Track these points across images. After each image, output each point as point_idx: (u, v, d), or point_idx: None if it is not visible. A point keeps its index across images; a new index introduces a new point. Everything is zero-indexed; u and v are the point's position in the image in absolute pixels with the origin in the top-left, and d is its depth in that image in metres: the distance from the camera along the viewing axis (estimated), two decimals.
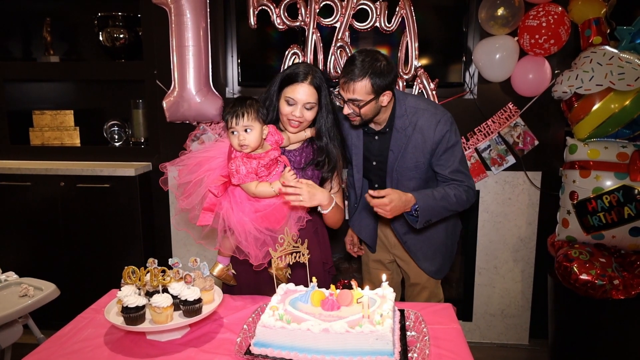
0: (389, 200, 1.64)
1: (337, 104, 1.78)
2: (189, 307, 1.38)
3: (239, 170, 1.56)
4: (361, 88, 1.66)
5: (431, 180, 1.92)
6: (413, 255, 2.02)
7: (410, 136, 1.81)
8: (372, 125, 1.88)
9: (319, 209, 1.67)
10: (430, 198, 1.75)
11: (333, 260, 2.96)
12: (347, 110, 1.72)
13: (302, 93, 1.63)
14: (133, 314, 1.33)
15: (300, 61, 2.57)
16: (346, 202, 2.41)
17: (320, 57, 2.61)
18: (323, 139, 1.73)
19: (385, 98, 1.73)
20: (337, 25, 2.59)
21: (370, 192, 1.65)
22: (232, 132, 1.56)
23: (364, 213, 2.06)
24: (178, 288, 1.40)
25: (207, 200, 1.60)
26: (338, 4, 2.56)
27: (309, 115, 1.67)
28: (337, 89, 1.75)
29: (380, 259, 2.15)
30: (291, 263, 1.52)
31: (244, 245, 1.57)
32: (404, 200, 1.69)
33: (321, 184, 1.75)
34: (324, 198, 1.62)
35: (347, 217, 2.85)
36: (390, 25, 2.56)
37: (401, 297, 2.31)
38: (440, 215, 1.81)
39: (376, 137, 1.89)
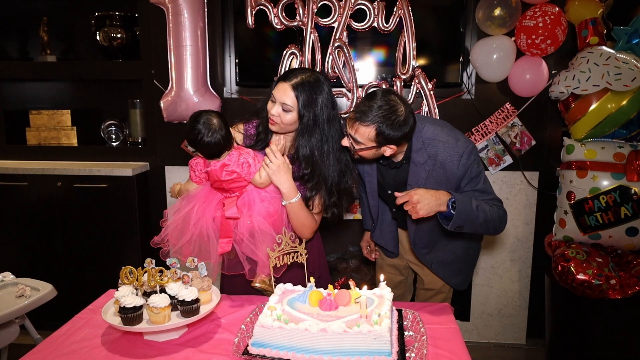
0: (417, 198, 1.54)
1: (344, 131, 1.64)
2: (187, 307, 1.38)
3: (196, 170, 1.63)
4: (364, 133, 1.54)
5: None
6: (439, 274, 1.96)
7: (430, 171, 1.69)
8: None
9: (282, 201, 1.62)
10: (468, 204, 1.59)
11: (330, 260, 2.97)
12: (346, 142, 1.61)
13: (280, 91, 1.57)
14: (130, 314, 1.33)
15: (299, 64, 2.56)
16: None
17: (318, 57, 2.60)
18: (313, 155, 1.62)
19: (389, 150, 1.60)
20: (335, 25, 2.59)
21: (396, 193, 1.59)
22: None
23: (383, 226, 2.02)
24: (176, 288, 1.40)
25: (221, 229, 1.59)
26: (336, 4, 2.56)
27: (286, 118, 1.58)
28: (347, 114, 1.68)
29: (395, 263, 2.13)
30: (289, 263, 1.52)
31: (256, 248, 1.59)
32: (434, 196, 1.56)
33: (305, 203, 1.67)
34: (287, 187, 1.57)
35: (345, 218, 2.85)
36: (388, 26, 2.56)
37: (412, 298, 2.30)
38: (473, 225, 1.61)
39: (392, 168, 1.80)
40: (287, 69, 2.62)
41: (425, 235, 1.86)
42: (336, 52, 2.59)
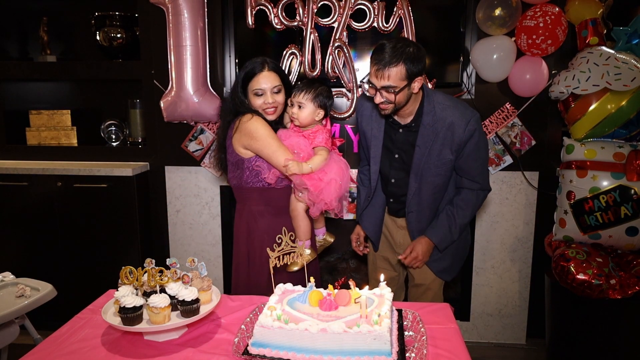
0: (417, 254, 1.96)
1: (366, 93, 1.79)
2: (187, 307, 1.38)
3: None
4: (396, 74, 1.65)
5: (454, 177, 1.96)
6: None
7: (439, 133, 1.80)
8: (396, 118, 1.87)
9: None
10: (447, 233, 1.95)
11: (330, 260, 2.98)
12: (379, 99, 1.71)
13: (265, 81, 1.78)
14: (130, 314, 1.33)
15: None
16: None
17: (318, 57, 2.61)
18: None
19: (417, 85, 1.72)
20: (335, 25, 2.59)
21: (400, 257, 1.99)
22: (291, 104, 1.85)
23: (373, 210, 2.08)
24: (176, 288, 1.40)
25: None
26: (336, 4, 2.56)
27: (280, 98, 1.81)
28: (365, 78, 1.78)
29: (388, 258, 2.15)
30: (289, 263, 1.52)
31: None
32: (427, 245, 1.97)
33: None
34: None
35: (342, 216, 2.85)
36: (388, 26, 2.56)
37: (405, 297, 2.31)
38: (454, 239, 1.99)
39: (400, 130, 1.88)
40: (287, 69, 2.62)
41: (420, 201, 1.96)
42: (336, 52, 2.59)
